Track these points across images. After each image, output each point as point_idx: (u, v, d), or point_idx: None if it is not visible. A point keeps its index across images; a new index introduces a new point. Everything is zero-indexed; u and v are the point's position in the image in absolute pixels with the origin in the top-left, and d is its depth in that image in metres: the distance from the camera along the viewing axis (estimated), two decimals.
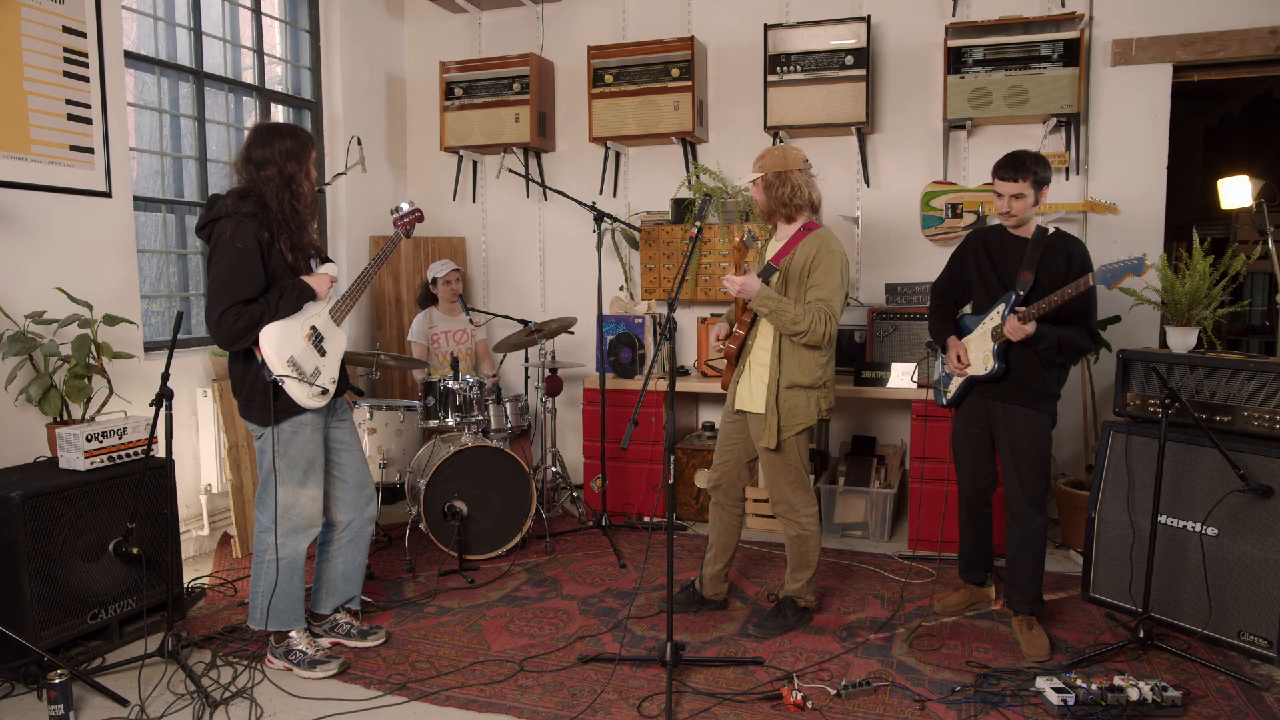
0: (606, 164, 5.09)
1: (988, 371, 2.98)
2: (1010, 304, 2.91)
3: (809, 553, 3.13)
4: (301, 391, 2.75)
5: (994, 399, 3.02)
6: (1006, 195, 2.91)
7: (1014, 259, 2.96)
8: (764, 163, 3.03)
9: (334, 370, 2.89)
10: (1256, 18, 3.97)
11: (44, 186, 3.38)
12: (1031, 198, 2.89)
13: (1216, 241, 3.76)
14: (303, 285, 2.76)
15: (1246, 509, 2.90)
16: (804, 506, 3.09)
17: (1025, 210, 2.91)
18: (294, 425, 2.79)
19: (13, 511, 2.73)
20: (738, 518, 3.27)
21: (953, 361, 3.08)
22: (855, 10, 4.53)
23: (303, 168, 2.77)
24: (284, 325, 2.73)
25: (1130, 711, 2.49)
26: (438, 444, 4.09)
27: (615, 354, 4.58)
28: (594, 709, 2.59)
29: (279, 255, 2.72)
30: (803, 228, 3.05)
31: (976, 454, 3.13)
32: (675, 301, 2.75)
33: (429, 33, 5.47)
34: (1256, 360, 3.03)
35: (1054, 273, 2.88)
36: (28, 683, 2.71)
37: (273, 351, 2.69)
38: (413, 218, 3.24)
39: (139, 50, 3.97)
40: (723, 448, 3.25)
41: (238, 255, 2.63)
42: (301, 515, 2.84)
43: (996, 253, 3.03)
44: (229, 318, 2.61)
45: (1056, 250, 2.91)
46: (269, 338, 2.69)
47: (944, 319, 3.20)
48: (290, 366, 2.72)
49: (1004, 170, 2.91)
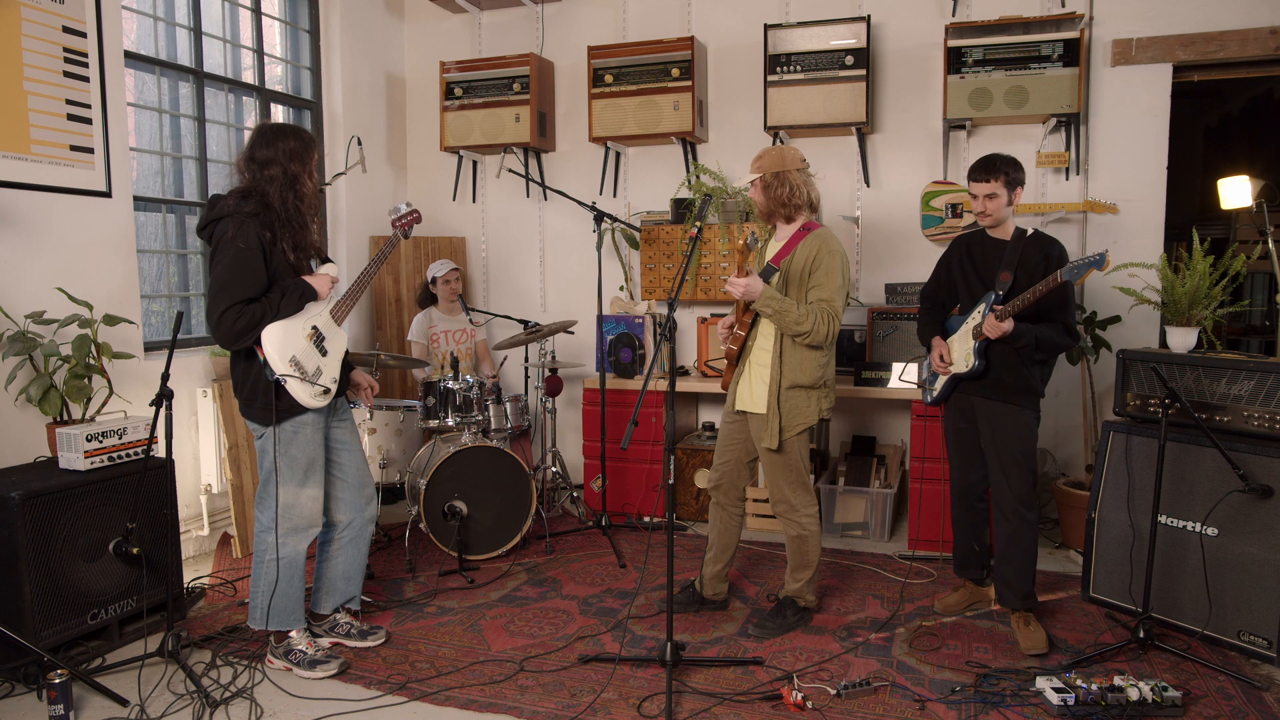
0: (606, 164, 5.09)
1: (969, 369, 3.05)
2: (989, 303, 2.99)
3: (809, 553, 3.14)
4: (304, 391, 2.75)
5: (977, 396, 3.10)
6: (980, 196, 3.02)
7: (994, 261, 3.06)
8: (762, 163, 3.03)
9: (335, 370, 2.89)
10: (1256, 18, 3.97)
11: (44, 186, 3.38)
12: (1005, 197, 3.00)
13: (1216, 241, 3.76)
14: (304, 285, 2.77)
15: (1246, 509, 2.90)
16: (804, 506, 3.09)
17: (999, 210, 3.01)
18: (295, 425, 2.79)
19: (13, 511, 2.73)
20: (738, 518, 3.27)
21: (936, 361, 3.18)
22: (855, 10, 4.53)
23: (306, 168, 2.77)
24: (286, 325, 2.73)
25: (1130, 711, 2.49)
26: (438, 444, 4.09)
27: (615, 354, 4.58)
28: (594, 709, 2.59)
29: (281, 255, 2.72)
30: (802, 228, 3.05)
31: (964, 449, 3.20)
32: (675, 301, 2.75)
33: (429, 33, 5.47)
34: (1256, 360, 3.03)
35: (1032, 271, 2.96)
36: (28, 683, 2.71)
37: (275, 351, 2.69)
38: (410, 218, 3.25)
39: (139, 50, 3.97)
40: (723, 448, 3.24)
41: (239, 255, 2.63)
42: (302, 515, 2.85)
43: (979, 256, 3.13)
44: (230, 317, 2.62)
45: (1034, 250, 3.00)
46: (271, 337, 2.69)
47: (929, 321, 3.30)
48: (293, 366, 2.72)
49: (977, 172, 3.02)
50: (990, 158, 3.01)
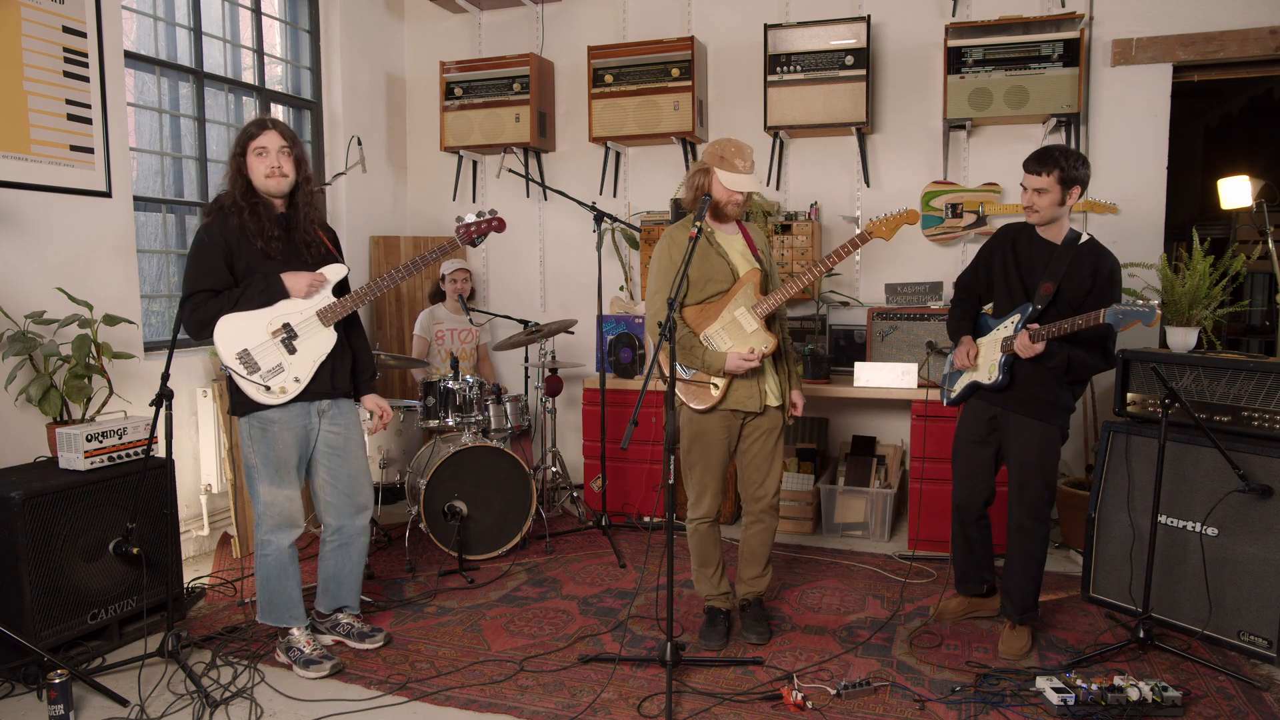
0: (606, 164, 5.09)
1: (991, 381, 2.94)
2: (1026, 316, 2.84)
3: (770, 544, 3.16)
4: (249, 387, 2.76)
5: (1005, 409, 2.95)
6: (1030, 189, 2.81)
7: (1040, 264, 2.85)
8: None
9: (302, 370, 2.82)
10: (1256, 18, 3.97)
11: (44, 186, 3.38)
12: (1056, 195, 2.76)
13: (1216, 241, 3.76)
14: (274, 281, 2.78)
15: (1246, 509, 2.90)
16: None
17: (1049, 208, 2.79)
18: (261, 421, 2.81)
19: (13, 511, 2.73)
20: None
21: (961, 357, 3.02)
22: (855, 10, 4.53)
23: (242, 158, 2.78)
24: (244, 317, 2.76)
25: (1130, 711, 2.49)
26: (438, 444, 4.09)
27: (615, 354, 4.57)
28: (594, 709, 2.59)
29: (249, 245, 2.77)
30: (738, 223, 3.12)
31: (974, 466, 3.05)
32: (675, 301, 2.75)
33: (429, 33, 5.47)
34: (1256, 360, 3.03)
35: (1077, 286, 2.78)
36: (28, 683, 2.71)
37: (223, 343, 2.75)
38: (484, 226, 3.07)
39: (139, 50, 3.97)
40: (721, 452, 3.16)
41: (199, 247, 2.77)
42: (281, 513, 2.86)
43: (1024, 254, 2.91)
44: (188, 306, 2.75)
45: (1084, 262, 2.78)
46: (223, 329, 2.75)
47: (963, 315, 3.12)
48: (239, 360, 2.74)
49: (1031, 163, 2.80)
50: (1048, 149, 2.77)
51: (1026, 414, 2.90)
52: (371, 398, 3.12)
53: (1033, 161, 2.80)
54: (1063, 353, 2.77)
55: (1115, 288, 2.80)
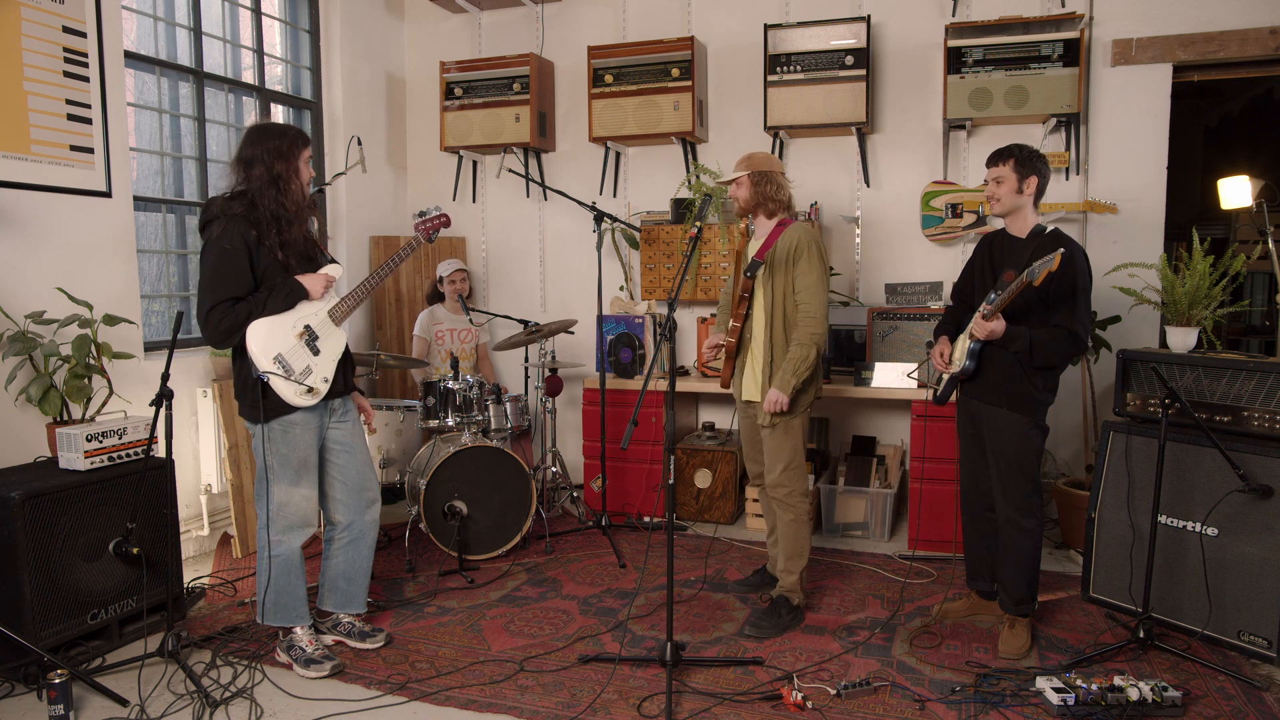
0: (606, 164, 5.09)
1: (959, 369, 3.01)
2: (989, 304, 2.89)
3: (804, 539, 3.21)
4: (289, 389, 2.76)
5: (977, 400, 3.02)
6: (990, 180, 2.95)
7: (1010, 259, 2.94)
8: (752, 161, 3.24)
9: (328, 369, 2.87)
10: (1256, 18, 3.97)
11: (44, 186, 3.38)
12: (1013, 183, 2.88)
13: (1216, 241, 3.77)
14: (295, 284, 2.78)
15: (1246, 509, 2.90)
16: (802, 490, 3.23)
17: (1008, 195, 2.90)
18: (284, 424, 2.80)
19: (13, 511, 2.73)
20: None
21: (936, 358, 3.14)
22: (855, 10, 4.53)
23: (291, 166, 2.77)
24: (273, 322, 2.75)
25: (1130, 711, 2.49)
26: (438, 444, 4.09)
27: (615, 354, 4.58)
28: (594, 709, 2.59)
29: (270, 254, 2.74)
30: (779, 223, 3.23)
31: (971, 455, 3.14)
32: (675, 301, 2.77)
33: (429, 33, 5.47)
34: (1256, 360, 3.03)
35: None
36: (28, 683, 2.71)
37: (259, 348, 2.71)
38: (437, 222, 3.17)
39: (139, 50, 3.97)
40: (748, 443, 3.43)
41: (223, 255, 2.68)
42: (295, 514, 2.86)
43: (998, 254, 3.02)
44: (214, 317, 2.68)
45: (1045, 250, 2.85)
46: (256, 335, 2.72)
47: (947, 320, 3.22)
48: (276, 364, 2.73)
49: (990, 157, 2.96)
50: (1008, 145, 2.93)
51: (995, 403, 2.95)
52: (356, 396, 3.14)
53: (992, 155, 2.95)
54: (1024, 336, 2.81)
55: (1077, 271, 2.80)
